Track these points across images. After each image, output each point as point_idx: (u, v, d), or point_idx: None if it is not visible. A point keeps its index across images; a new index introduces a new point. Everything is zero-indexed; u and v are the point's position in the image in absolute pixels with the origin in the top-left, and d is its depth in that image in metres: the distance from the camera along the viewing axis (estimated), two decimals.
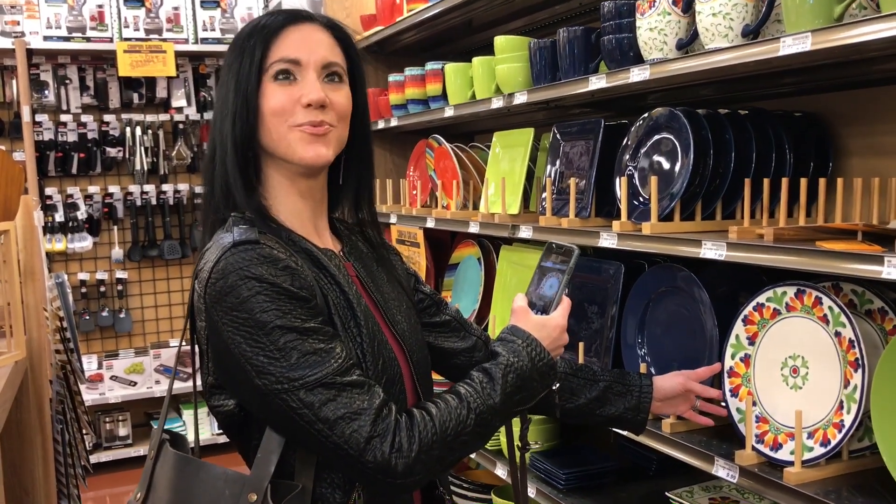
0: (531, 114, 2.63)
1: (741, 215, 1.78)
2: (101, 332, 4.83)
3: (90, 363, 4.61)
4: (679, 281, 1.86)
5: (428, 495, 1.37)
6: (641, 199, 1.87)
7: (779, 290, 1.60)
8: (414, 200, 3.02)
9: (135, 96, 4.69)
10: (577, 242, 2.02)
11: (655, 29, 1.72)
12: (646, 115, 1.91)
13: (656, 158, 1.87)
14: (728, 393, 1.67)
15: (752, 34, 1.55)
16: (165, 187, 4.78)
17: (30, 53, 4.37)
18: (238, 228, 1.21)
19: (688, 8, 1.69)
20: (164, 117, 4.74)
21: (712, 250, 1.58)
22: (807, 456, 1.49)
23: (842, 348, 1.48)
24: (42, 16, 4.44)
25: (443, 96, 2.76)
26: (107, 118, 4.66)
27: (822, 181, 1.68)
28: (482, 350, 1.53)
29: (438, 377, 1.54)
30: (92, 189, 4.68)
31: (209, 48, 4.73)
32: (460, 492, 2.75)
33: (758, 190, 1.73)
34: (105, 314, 4.77)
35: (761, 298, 1.63)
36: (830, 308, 1.50)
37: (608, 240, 1.86)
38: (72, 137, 4.59)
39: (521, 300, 1.34)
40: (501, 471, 2.38)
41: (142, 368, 4.72)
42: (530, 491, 2.21)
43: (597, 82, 1.89)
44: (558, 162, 2.21)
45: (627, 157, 1.93)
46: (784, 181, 1.64)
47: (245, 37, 1.26)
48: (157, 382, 4.73)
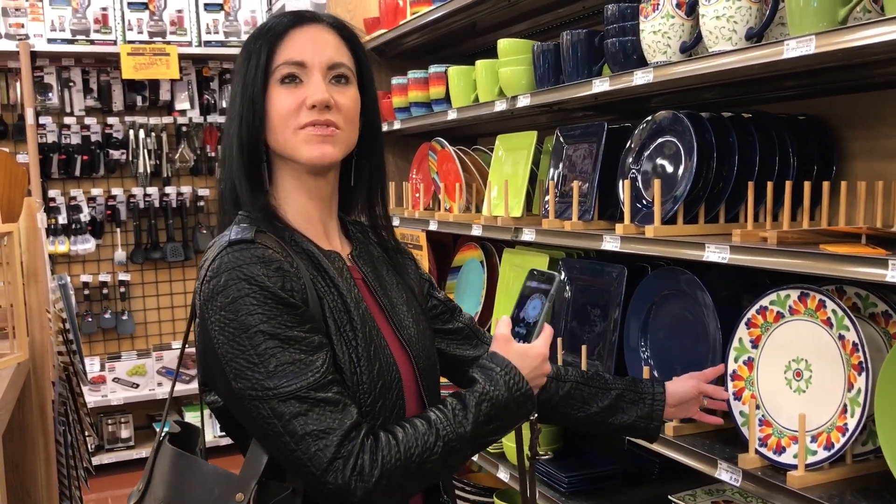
0: (534, 117, 2.64)
1: (744, 218, 1.78)
2: (104, 334, 4.83)
3: (92, 365, 4.61)
4: (682, 284, 1.85)
5: (431, 502, 1.36)
6: (645, 202, 1.87)
7: (782, 294, 1.60)
8: (417, 203, 3.02)
9: (138, 99, 4.70)
10: (580, 245, 2.03)
11: (659, 32, 1.72)
12: (649, 119, 1.91)
13: (659, 161, 1.86)
14: (731, 396, 1.66)
15: (756, 37, 1.55)
16: (168, 190, 4.78)
17: (34, 56, 4.37)
18: (238, 227, 1.22)
19: (691, 11, 1.69)
20: (168, 120, 4.75)
21: (716, 253, 1.58)
22: (810, 460, 1.48)
23: (845, 352, 1.47)
24: (46, 18, 4.45)
25: (446, 99, 2.77)
26: (110, 120, 4.67)
27: (826, 184, 1.67)
28: None
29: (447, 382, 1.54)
30: (95, 191, 4.69)
31: (213, 51, 4.74)
32: (462, 495, 2.74)
33: (761, 193, 1.73)
34: (108, 316, 4.77)
35: (765, 301, 1.63)
36: (834, 311, 1.50)
37: (611, 243, 1.86)
38: (75, 140, 4.59)
39: (505, 326, 1.29)
40: (503, 474, 2.37)
41: (144, 371, 4.72)
42: None
43: (600, 85, 1.89)
44: (561, 165, 2.21)
45: (631, 160, 1.93)
46: (787, 184, 1.64)
47: (252, 40, 1.28)
48: (160, 385, 4.73)
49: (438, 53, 3.31)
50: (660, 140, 1.88)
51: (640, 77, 1.75)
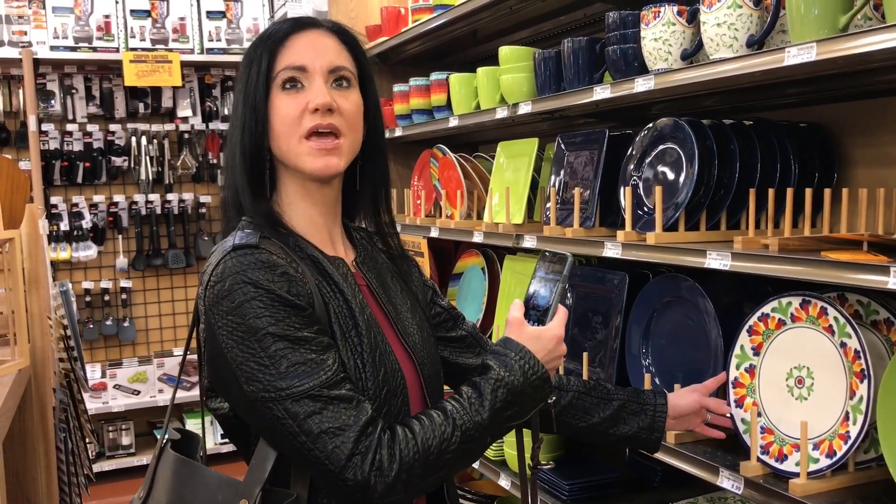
0: (535, 124, 2.64)
1: (746, 225, 1.78)
2: (105, 341, 4.83)
3: (94, 372, 4.60)
4: (684, 291, 1.85)
5: None
6: (646, 209, 1.87)
7: (784, 301, 1.59)
8: (418, 210, 3.02)
9: (140, 106, 4.71)
10: (582, 252, 2.03)
11: (660, 39, 1.72)
12: (650, 126, 1.91)
13: (661, 168, 1.87)
14: (733, 404, 1.66)
15: (757, 44, 1.55)
16: (170, 197, 4.79)
17: (36, 63, 4.39)
18: (241, 233, 1.21)
19: (692, 18, 1.69)
20: (170, 127, 4.76)
21: (717, 260, 1.57)
22: (812, 467, 1.48)
23: (847, 359, 1.47)
24: (49, 26, 4.47)
25: (447, 106, 2.77)
26: (112, 127, 4.68)
27: (827, 191, 1.67)
28: None
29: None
30: (97, 198, 4.69)
31: (215, 58, 4.75)
32: (464, 503, 2.74)
33: (763, 200, 1.73)
34: (109, 323, 4.77)
35: (766, 309, 1.62)
36: (836, 319, 1.49)
37: (612, 250, 1.85)
38: (77, 147, 4.60)
39: (517, 310, 1.28)
40: (505, 482, 2.37)
41: (145, 377, 4.72)
42: None
43: (601, 92, 1.90)
44: (562, 172, 2.21)
45: (632, 167, 1.93)
46: (789, 191, 1.64)
47: (253, 47, 1.28)
48: (161, 391, 4.73)
49: (440, 61, 3.32)
50: (661, 147, 1.88)
51: (642, 84, 1.75)
